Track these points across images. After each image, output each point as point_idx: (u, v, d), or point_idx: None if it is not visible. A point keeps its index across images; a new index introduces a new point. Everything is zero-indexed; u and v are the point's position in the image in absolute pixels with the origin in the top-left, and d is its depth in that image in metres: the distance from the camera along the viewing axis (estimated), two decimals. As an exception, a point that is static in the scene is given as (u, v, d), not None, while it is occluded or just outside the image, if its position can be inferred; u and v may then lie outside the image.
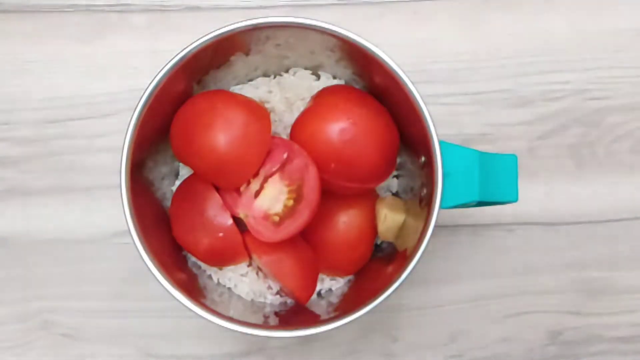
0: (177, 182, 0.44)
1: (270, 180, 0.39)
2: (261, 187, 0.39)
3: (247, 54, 0.41)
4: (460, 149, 0.37)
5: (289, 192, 0.39)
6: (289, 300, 0.43)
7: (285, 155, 0.39)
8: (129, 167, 0.37)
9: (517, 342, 0.48)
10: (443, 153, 0.36)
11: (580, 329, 0.48)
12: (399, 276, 0.36)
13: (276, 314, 0.43)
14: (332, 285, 0.44)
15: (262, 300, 0.43)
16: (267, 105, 0.42)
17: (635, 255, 0.49)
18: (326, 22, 0.37)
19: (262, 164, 0.39)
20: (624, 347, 0.48)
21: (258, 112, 0.39)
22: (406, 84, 0.36)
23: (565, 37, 0.49)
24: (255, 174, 0.39)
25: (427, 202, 0.37)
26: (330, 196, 0.40)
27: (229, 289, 0.43)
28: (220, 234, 0.39)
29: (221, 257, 0.41)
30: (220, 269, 0.42)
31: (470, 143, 0.48)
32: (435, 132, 0.36)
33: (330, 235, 0.41)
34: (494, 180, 0.38)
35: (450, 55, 0.49)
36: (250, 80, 0.44)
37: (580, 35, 0.50)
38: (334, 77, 0.43)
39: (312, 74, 0.43)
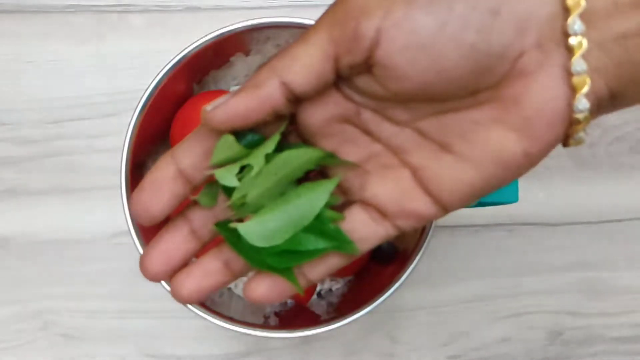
0: (177, 182, 0.43)
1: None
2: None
3: (247, 54, 0.41)
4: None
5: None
6: (289, 301, 0.43)
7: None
8: (129, 167, 0.37)
9: (517, 342, 0.48)
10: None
11: (580, 329, 0.48)
12: (399, 276, 0.36)
13: (276, 314, 0.43)
14: (332, 285, 0.44)
15: (262, 300, 0.43)
16: (267, 106, 0.42)
17: (635, 255, 0.49)
18: (326, 22, 0.37)
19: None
20: (624, 347, 0.48)
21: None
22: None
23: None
24: (255, 174, 0.39)
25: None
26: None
27: (229, 289, 0.43)
28: (220, 234, 0.39)
29: (221, 257, 0.40)
30: (220, 269, 0.42)
31: (470, 143, 0.48)
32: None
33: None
34: (494, 180, 0.38)
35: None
36: (250, 80, 0.44)
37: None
38: (334, 77, 0.43)
39: (312, 74, 0.43)
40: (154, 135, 0.40)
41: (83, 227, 0.47)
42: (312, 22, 0.37)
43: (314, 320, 0.40)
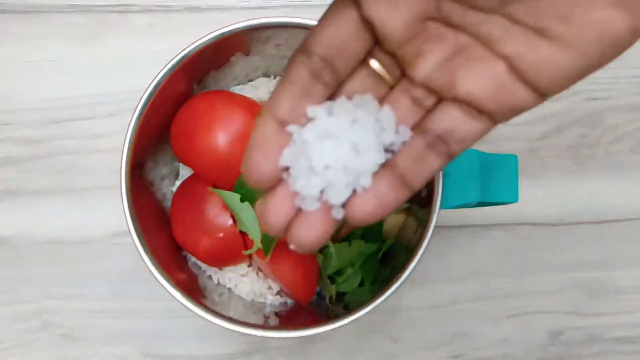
0: (177, 183, 0.44)
1: (270, 180, 0.39)
2: (261, 187, 0.39)
3: (247, 54, 0.41)
4: (460, 149, 0.37)
5: (289, 192, 0.38)
6: (289, 301, 0.43)
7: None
8: (129, 167, 0.37)
9: (517, 342, 0.48)
10: (443, 153, 0.36)
11: (580, 329, 0.48)
12: (399, 276, 0.36)
13: (276, 314, 0.43)
14: (332, 285, 0.44)
15: (262, 300, 0.43)
16: (267, 106, 0.42)
17: (635, 255, 0.49)
18: (326, 23, 0.37)
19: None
20: (624, 347, 0.48)
21: (258, 112, 0.39)
22: (406, 84, 0.36)
23: (565, 37, 0.49)
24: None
25: (427, 202, 0.37)
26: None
27: (229, 289, 0.43)
28: (220, 235, 0.39)
29: (221, 258, 0.41)
30: (220, 269, 0.42)
31: (470, 143, 0.48)
32: (436, 132, 0.36)
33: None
34: (494, 180, 0.38)
35: (450, 56, 0.49)
36: (251, 80, 0.44)
37: (580, 36, 0.49)
38: (334, 77, 0.43)
39: (312, 74, 0.43)
40: (154, 135, 0.40)
41: (83, 227, 0.47)
42: (312, 22, 0.37)
43: (314, 320, 0.40)
